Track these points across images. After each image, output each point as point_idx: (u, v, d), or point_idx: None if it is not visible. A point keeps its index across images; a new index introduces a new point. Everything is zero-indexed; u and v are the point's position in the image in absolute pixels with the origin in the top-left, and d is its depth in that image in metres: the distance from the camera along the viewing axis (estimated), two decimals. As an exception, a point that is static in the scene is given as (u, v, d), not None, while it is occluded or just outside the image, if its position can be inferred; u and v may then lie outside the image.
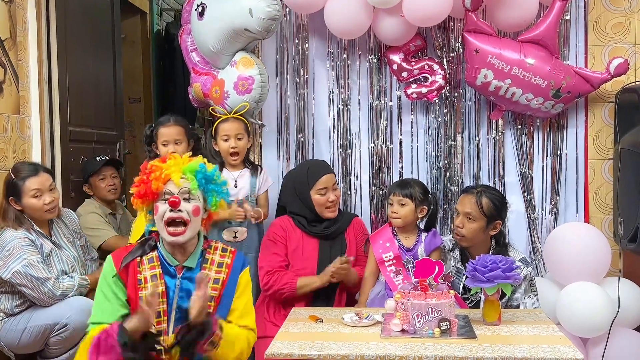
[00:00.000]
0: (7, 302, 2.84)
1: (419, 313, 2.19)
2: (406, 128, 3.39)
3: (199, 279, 2.00)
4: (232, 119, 3.05)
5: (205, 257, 2.19)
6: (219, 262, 2.20)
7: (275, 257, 2.86)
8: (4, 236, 2.82)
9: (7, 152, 3.19)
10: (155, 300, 1.97)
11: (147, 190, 2.09)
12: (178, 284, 2.12)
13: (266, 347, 2.13)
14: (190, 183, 2.11)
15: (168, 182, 2.09)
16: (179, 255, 2.15)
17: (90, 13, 4.00)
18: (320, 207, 2.90)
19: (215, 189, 2.18)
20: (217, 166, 2.29)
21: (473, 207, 2.66)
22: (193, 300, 1.97)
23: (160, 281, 2.11)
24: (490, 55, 3.03)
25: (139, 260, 2.14)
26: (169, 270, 2.14)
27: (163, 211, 2.08)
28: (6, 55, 3.20)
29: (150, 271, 2.12)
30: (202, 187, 2.14)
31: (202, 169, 2.14)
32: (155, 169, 2.10)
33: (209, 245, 2.23)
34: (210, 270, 2.17)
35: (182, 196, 2.09)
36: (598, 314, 2.83)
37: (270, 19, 2.89)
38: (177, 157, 2.16)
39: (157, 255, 2.15)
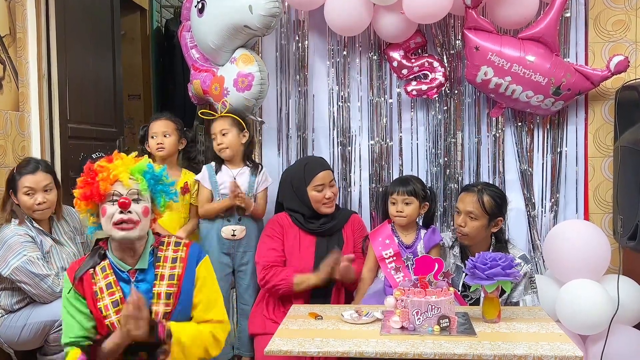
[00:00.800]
0: (7, 298, 2.84)
1: (419, 310, 2.19)
2: (406, 125, 3.39)
3: (133, 293, 1.98)
4: (219, 117, 3.07)
5: (157, 255, 2.15)
6: (172, 257, 2.15)
7: (272, 253, 2.87)
8: (5, 232, 2.82)
9: (6, 149, 3.19)
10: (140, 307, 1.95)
11: (94, 192, 2.04)
12: (133, 288, 2.08)
13: (266, 344, 2.13)
14: (139, 184, 2.07)
15: (116, 182, 2.05)
16: (130, 259, 2.12)
17: (90, 10, 4.00)
18: (316, 204, 2.90)
19: (164, 190, 2.15)
20: (165, 166, 2.26)
21: (475, 205, 2.65)
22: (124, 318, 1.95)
23: (117, 288, 2.08)
24: (490, 53, 3.03)
25: (92, 272, 2.10)
26: (121, 277, 2.10)
27: (112, 213, 2.04)
28: (5, 51, 3.20)
29: (105, 280, 2.09)
30: (151, 188, 2.11)
31: (150, 169, 2.11)
32: (102, 169, 2.06)
33: (161, 242, 2.19)
34: (164, 267, 2.13)
35: (132, 197, 2.05)
36: (597, 312, 2.83)
37: (270, 15, 2.89)
38: (123, 156, 2.13)
39: (108, 263, 2.12)
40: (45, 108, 3.48)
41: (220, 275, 2.95)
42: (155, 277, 2.11)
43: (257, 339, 2.91)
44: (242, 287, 3.11)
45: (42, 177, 2.86)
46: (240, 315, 3.12)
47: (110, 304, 2.06)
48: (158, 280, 2.11)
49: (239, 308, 3.13)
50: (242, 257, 3.07)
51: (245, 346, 3.08)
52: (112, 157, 2.12)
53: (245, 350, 3.09)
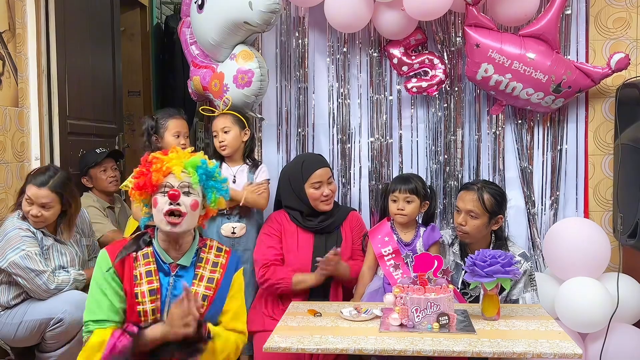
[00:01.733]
0: (4, 294, 2.83)
1: (418, 307, 2.19)
2: (406, 122, 3.38)
3: (185, 291, 1.98)
4: (220, 114, 3.06)
5: (200, 256, 2.18)
6: (213, 261, 2.19)
7: (271, 251, 2.86)
8: (6, 224, 2.84)
9: (5, 145, 3.19)
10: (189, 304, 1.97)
11: (147, 182, 2.08)
12: (171, 282, 2.11)
13: (264, 341, 2.13)
14: (191, 177, 2.10)
15: (169, 175, 2.08)
16: (174, 252, 2.14)
17: (90, 6, 3.99)
18: (314, 201, 2.89)
19: (215, 186, 2.17)
20: (218, 163, 2.28)
21: (475, 204, 2.65)
22: (176, 315, 1.96)
23: (156, 277, 2.10)
24: (490, 50, 3.02)
25: (135, 256, 2.12)
26: (163, 268, 2.12)
27: (163, 203, 2.07)
28: (5, 47, 3.19)
29: (145, 267, 2.10)
30: (202, 183, 2.13)
31: (203, 164, 2.14)
32: (157, 161, 2.10)
33: (205, 244, 2.22)
34: (205, 269, 2.16)
35: (182, 190, 2.08)
36: (597, 310, 2.82)
37: (270, 12, 2.88)
38: (179, 150, 2.16)
39: (152, 251, 2.14)
40: (45, 104, 3.47)
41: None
42: (195, 276, 2.14)
43: (256, 337, 2.90)
44: (241, 285, 3.10)
45: (45, 194, 2.82)
46: (239, 313, 3.11)
47: (147, 292, 2.07)
48: (197, 280, 2.13)
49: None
50: (242, 256, 3.04)
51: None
52: (167, 150, 2.15)
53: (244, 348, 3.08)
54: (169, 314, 1.98)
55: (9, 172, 3.19)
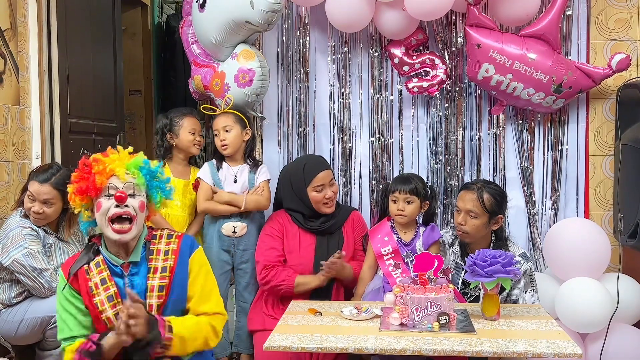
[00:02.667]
0: (5, 291, 2.83)
1: (418, 307, 2.19)
2: (407, 122, 3.39)
3: (128, 294, 1.96)
4: (222, 113, 3.06)
5: (150, 248, 2.14)
6: (164, 249, 2.14)
7: (273, 252, 2.85)
8: (9, 222, 2.83)
9: (6, 143, 3.19)
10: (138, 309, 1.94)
11: (90, 186, 2.03)
12: (127, 282, 2.09)
13: (265, 340, 2.13)
14: (135, 178, 2.06)
15: (112, 176, 2.04)
16: (123, 253, 2.11)
17: (91, 5, 3.98)
18: (317, 204, 2.88)
19: (160, 186, 2.14)
20: (162, 162, 2.25)
21: (475, 204, 2.64)
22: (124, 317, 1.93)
23: (111, 283, 2.08)
24: (491, 50, 3.02)
25: (87, 268, 2.09)
26: (115, 271, 2.10)
27: (107, 207, 2.03)
28: (6, 45, 3.19)
29: (99, 275, 2.08)
30: (147, 183, 2.10)
31: (146, 164, 2.10)
32: (98, 163, 2.04)
33: (153, 236, 2.17)
34: (157, 260, 2.12)
35: (128, 191, 2.04)
36: (597, 310, 2.83)
37: (271, 11, 2.88)
38: (120, 151, 2.11)
39: (102, 258, 2.11)
40: (46, 102, 3.47)
41: (219, 272, 2.95)
42: (149, 270, 2.10)
43: (256, 336, 2.91)
44: (241, 285, 3.10)
45: (47, 191, 2.81)
46: (239, 313, 3.12)
47: (106, 299, 2.06)
48: (151, 273, 2.10)
49: (238, 305, 3.12)
50: (242, 255, 3.05)
51: (244, 343, 3.08)
52: (107, 152, 2.10)
53: (244, 347, 3.08)
54: (118, 323, 1.94)
55: (10, 170, 3.19)
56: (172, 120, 3.14)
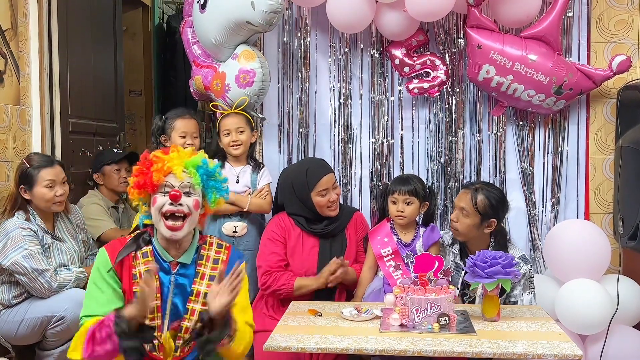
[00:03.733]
0: (5, 293, 2.83)
1: (418, 308, 2.19)
2: (407, 123, 3.39)
3: (219, 271, 1.97)
4: (233, 113, 3.05)
5: (200, 253, 2.15)
6: (214, 258, 2.16)
7: (274, 257, 2.83)
8: (7, 224, 2.83)
9: (7, 143, 3.19)
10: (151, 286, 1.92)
11: (147, 181, 2.05)
12: (172, 280, 2.09)
13: (265, 341, 2.13)
14: (192, 178, 2.08)
15: (169, 174, 2.06)
16: (174, 251, 2.12)
17: (92, 5, 3.99)
18: (321, 208, 2.86)
19: (216, 186, 2.15)
20: (219, 163, 2.26)
21: (467, 202, 2.66)
22: (211, 293, 1.93)
23: (155, 276, 2.06)
24: (492, 51, 3.02)
25: (134, 255, 2.10)
26: (163, 266, 2.10)
27: (162, 203, 2.04)
28: (7, 45, 3.20)
29: (145, 266, 2.07)
30: (203, 183, 2.11)
31: (204, 164, 2.11)
32: (157, 161, 2.06)
33: (205, 241, 2.19)
34: (206, 266, 2.13)
35: (183, 190, 2.06)
36: (597, 311, 2.83)
37: (272, 11, 2.88)
38: (180, 149, 2.13)
39: (151, 250, 2.11)
40: (47, 102, 3.47)
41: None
42: (197, 274, 2.11)
43: (256, 336, 2.87)
44: (241, 285, 3.10)
45: (59, 170, 2.92)
46: (239, 313, 3.11)
47: None
48: (199, 278, 2.11)
49: (238, 305, 3.12)
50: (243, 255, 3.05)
51: (244, 343, 3.08)
52: (168, 149, 2.12)
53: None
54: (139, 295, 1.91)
55: (11, 170, 3.19)
56: (165, 122, 3.12)
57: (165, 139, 3.11)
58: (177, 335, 2.06)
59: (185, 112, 3.17)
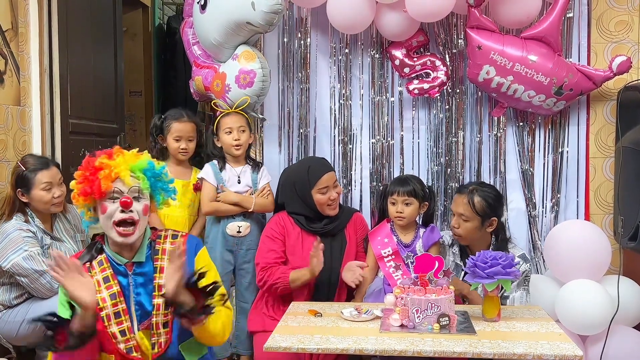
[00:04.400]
0: (5, 293, 2.83)
1: (419, 308, 2.19)
2: (407, 124, 3.39)
3: (170, 252, 1.97)
4: (233, 112, 3.06)
5: (155, 248, 2.14)
6: (170, 249, 2.12)
7: (272, 254, 2.84)
8: (6, 226, 2.82)
9: (7, 143, 3.19)
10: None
11: (94, 189, 2.02)
12: (131, 281, 2.08)
13: (265, 341, 2.13)
14: (140, 182, 2.06)
15: (116, 179, 2.03)
16: (127, 253, 2.11)
17: (92, 6, 3.99)
18: (321, 206, 2.87)
19: (163, 187, 2.14)
20: (166, 164, 2.24)
21: (465, 207, 2.66)
22: (166, 276, 1.94)
23: (114, 281, 2.07)
24: (492, 52, 3.02)
25: (89, 265, 2.09)
26: (119, 270, 2.09)
27: (112, 211, 2.02)
28: (7, 46, 3.20)
29: (102, 274, 2.07)
30: (151, 186, 2.09)
31: (151, 166, 2.09)
32: (104, 167, 2.03)
33: (158, 236, 2.18)
34: (163, 259, 2.11)
35: (132, 195, 2.04)
36: (597, 312, 2.82)
37: (272, 12, 2.88)
38: (124, 153, 2.10)
39: (105, 257, 2.11)
40: (47, 103, 3.47)
41: (222, 273, 2.94)
42: (155, 269, 2.10)
43: (256, 337, 2.90)
44: (242, 285, 3.10)
45: (56, 171, 2.91)
46: (239, 314, 3.11)
47: (108, 297, 2.05)
48: (158, 272, 2.10)
49: (238, 306, 3.12)
50: (245, 255, 3.06)
51: (244, 344, 3.08)
52: (112, 153, 2.09)
53: (244, 348, 3.08)
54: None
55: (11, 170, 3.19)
56: (163, 122, 3.12)
57: (162, 139, 3.12)
58: (151, 333, 2.06)
59: (181, 114, 3.14)
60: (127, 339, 2.04)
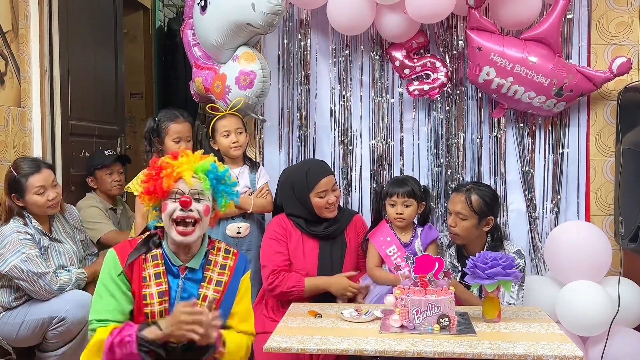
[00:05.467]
0: (5, 295, 2.83)
1: (419, 309, 2.19)
2: (407, 125, 3.39)
3: (210, 300, 2.00)
4: (229, 114, 3.06)
5: (208, 258, 2.16)
6: (221, 263, 2.17)
7: (279, 256, 2.82)
8: (4, 229, 2.81)
9: (7, 145, 3.19)
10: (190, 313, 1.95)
11: (157, 188, 2.05)
12: (180, 284, 2.10)
13: (265, 343, 2.13)
14: (202, 183, 2.07)
15: (179, 180, 2.05)
16: (183, 255, 2.13)
17: (93, 7, 4.00)
18: (320, 209, 2.86)
19: (226, 190, 2.15)
20: (228, 167, 2.26)
21: (463, 205, 2.67)
22: (206, 323, 1.94)
23: (164, 279, 2.09)
24: (492, 53, 3.02)
25: (144, 257, 2.10)
26: (172, 270, 2.11)
27: (172, 209, 2.05)
28: (8, 47, 3.20)
29: (154, 269, 2.09)
30: (213, 188, 2.11)
31: (214, 169, 2.11)
32: (167, 166, 2.06)
33: (213, 246, 2.20)
34: (213, 271, 2.15)
35: (193, 196, 2.06)
36: (598, 313, 2.82)
37: (272, 13, 2.89)
38: (188, 154, 2.12)
39: (161, 253, 2.12)
40: (47, 104, 3.48)
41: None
42: (204, 279, 2.13)
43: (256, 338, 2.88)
44: (243, 286, 3.10)
45: (48, 174, 2.89)
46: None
47: (156, 294, 2.06)
48: (206, 282, 2.12)
49: (239, 307, 3.12)
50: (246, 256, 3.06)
51: (244, 345, 3.07)
52: (177, 154, 2.11)
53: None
54: (173, 314, 1.96)
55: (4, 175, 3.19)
56: (159, 124, 3.10)
57: (159, 142, 3.10)
58: None
59: (176, 115, 3.12)
60: None
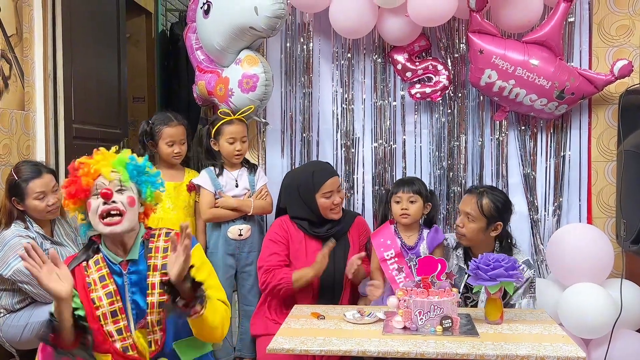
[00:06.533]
0: (8, 298, 2.83)
1: (421, 310, 2.19)
2: (410, 128, 3.40)
3: (171, 239, 1.97)
4: (236, 121, 3.06)
5: (148, 246, 2.15)
6: (163, 247, 2.14)
7: (275, 257, 2.84)
8: (5, 233, 2.81)
9: (11, 148, 3.20)
10: None
11: (78, 188, 2.05)
12: (126, 280, 2.10)
13: (268, 344, 2.13)
14: (121, 175, 2.08)
15: (98, 177, 2.06)
16: (121, 251, 2.12)
17: (96, 12, 4.02)
18: (325, 210, 2.87)
19: (149, 180, 2.15)
20: (147, 156, 2.23)
21: (473, 207, 2.66)
22: (169, 262, 1.94)
23: (110, 280, 2.09)
24: (494, 56, 3.03)
25: (85, 265, 2.11)
26: (114, 269, 2.11)
27: (96, 206, 2.04)
28: (12, 51, 3.22)
29: (98, 273, 2.09)
30: (134, 179, 2.11)
31: (132, 160, 2.11)
32: (84, 166, 2.07)
33: (151, 234, 2.18)
34: (157, 258, 2.12)
35: (114, 188, 2.06)
36: (600, 315, 2.82)
37: (275, 17, 2.90)
38: (104, 151, 2.13)
39: (102, 257, 2.12)
40: (51, 108, 3.49)
41: (224, 277, 2.96)
42: (148, 268, 2.11)
43: (259, 340, 2.90)
44: (245, 288, 3.11)
45: (49, 179, 2.87)
46: (242, 317, 3.12)
47: (104, 296, 2.07)
48: (151, 271, 2.11)
49: (242, 309, 3.13)
50: (247, 258, 3.07)
51: (247, 348, 3.08)
52: (93, 154, 2.12)
53: (247, 351, 3.09)
54: None
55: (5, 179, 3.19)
56: (152, 128, 3.10)
57: (152, 145, 3.11)
58: (147, 332, 2.08)
59: (170, 118, 3.12)
60: (123, 338, 2.06)
